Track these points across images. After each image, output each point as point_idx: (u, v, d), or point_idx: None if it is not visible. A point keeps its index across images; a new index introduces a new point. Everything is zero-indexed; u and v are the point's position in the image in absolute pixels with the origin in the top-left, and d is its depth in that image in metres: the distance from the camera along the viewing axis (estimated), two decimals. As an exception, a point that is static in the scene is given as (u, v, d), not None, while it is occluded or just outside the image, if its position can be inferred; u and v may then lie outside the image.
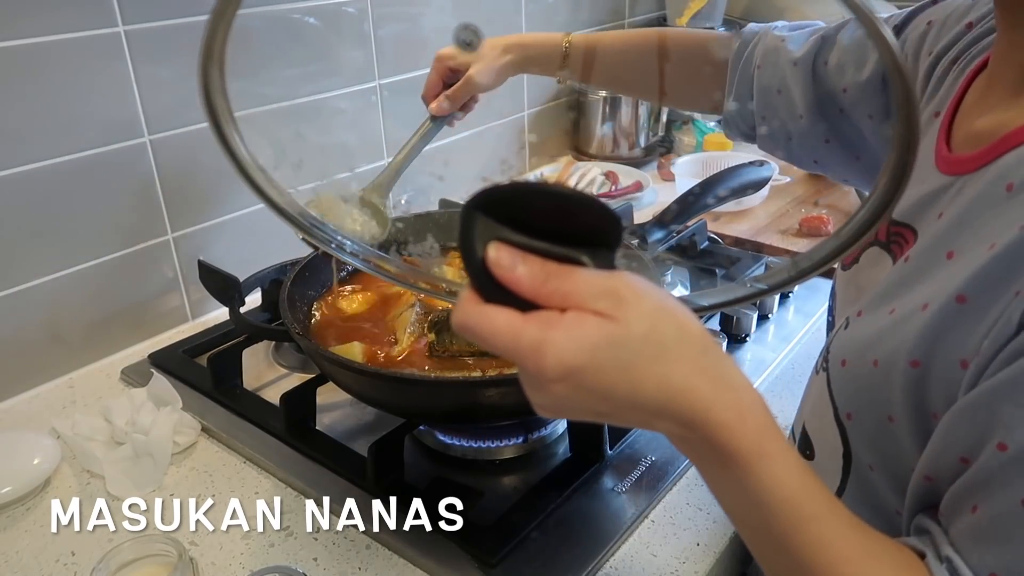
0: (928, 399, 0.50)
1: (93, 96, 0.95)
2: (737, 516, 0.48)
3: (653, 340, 0.41)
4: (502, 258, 0.40)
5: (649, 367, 0.41)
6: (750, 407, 0.44)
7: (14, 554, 0.74)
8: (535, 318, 0.40)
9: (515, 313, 0.40)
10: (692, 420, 0.42)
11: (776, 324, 1.06)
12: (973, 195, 0.52)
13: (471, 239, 0.40)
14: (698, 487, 0.79)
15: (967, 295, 0.48)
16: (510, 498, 0.76)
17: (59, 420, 0.89)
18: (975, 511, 0.45)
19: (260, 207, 1.23)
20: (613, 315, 0.40)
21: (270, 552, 0.73)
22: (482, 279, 0.41)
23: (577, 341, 0.40)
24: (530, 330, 0.40)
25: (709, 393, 0.42)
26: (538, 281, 0.40)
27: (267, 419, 0.88)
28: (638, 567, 0.70)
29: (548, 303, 0.40)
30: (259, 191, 0.56)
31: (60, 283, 0.98)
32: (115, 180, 1.00)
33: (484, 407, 0.73)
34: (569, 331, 0.40)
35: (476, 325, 0.41)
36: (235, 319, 0.96)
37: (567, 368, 0.40)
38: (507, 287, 0.40)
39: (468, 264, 0.41)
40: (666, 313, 0.42)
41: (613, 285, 0.41)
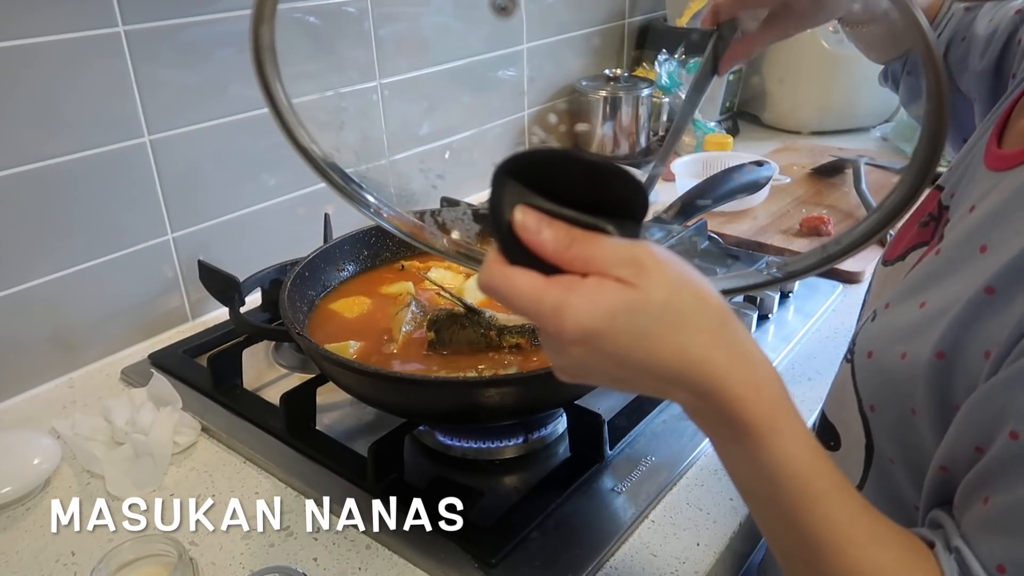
0: (952, 391, 0.50)
1: (93, 96, 0.95)
2: (747, 489, 0.48)
3: (672, 309, 0.42)
4: (528, 222, 0.41)
5: (666, 335, 0.42)
6: (765, 381, 0.45)
7: (14, 554, 0.74)
8: (557, 281, 0.41)
9: (538, 276, 0.42)
10: (707, 391, 0.43)
11: (776, 324, 1.06)
12: (1010, 191, 0.52)
13: (500, 202, 0.41)
14: (698, 487, 0.79)
15: (996, 287, 0.48)
16: (510, 498, 0.76)
17: (59, 420, 0.89)
18: (987, 502, 0.45)
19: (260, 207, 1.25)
20: (633, 282, 0.41)
21: (270, 552, 0.73)
22: (508, 242, 0.42)
23: (596, 305, 0.40)
24: (551, 292, 0.41)
25: (725, 365, 0.43)
26: (562, 246, 0.41)
27: (267, 419, 0.88)
28: (638, 567, 0.70)
29: (571, 268, 0.41)
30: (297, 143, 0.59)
31: (60, 283, 0.98)
32: (115, 180, 1.00)
33: (484, 407, 0.73)
34: (589, 295, 0.41)
35: (499, 285, 0.42)
36: (235, 319, 0.96)
37: (585, 331, 0.41)
38: (532, 250, 0.41)
39: (496, 226, 0.42)
40: (687, 283, 0.43)
41: (635, 253, 0.41)
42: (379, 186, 1.34)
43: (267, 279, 1.05)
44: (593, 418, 0.79)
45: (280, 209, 1.20)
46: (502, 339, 0.81)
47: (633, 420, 0.85)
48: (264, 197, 1.18)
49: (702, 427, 0.47)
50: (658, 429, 0.85)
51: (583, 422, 0.80)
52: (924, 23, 0.39)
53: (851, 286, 1.16)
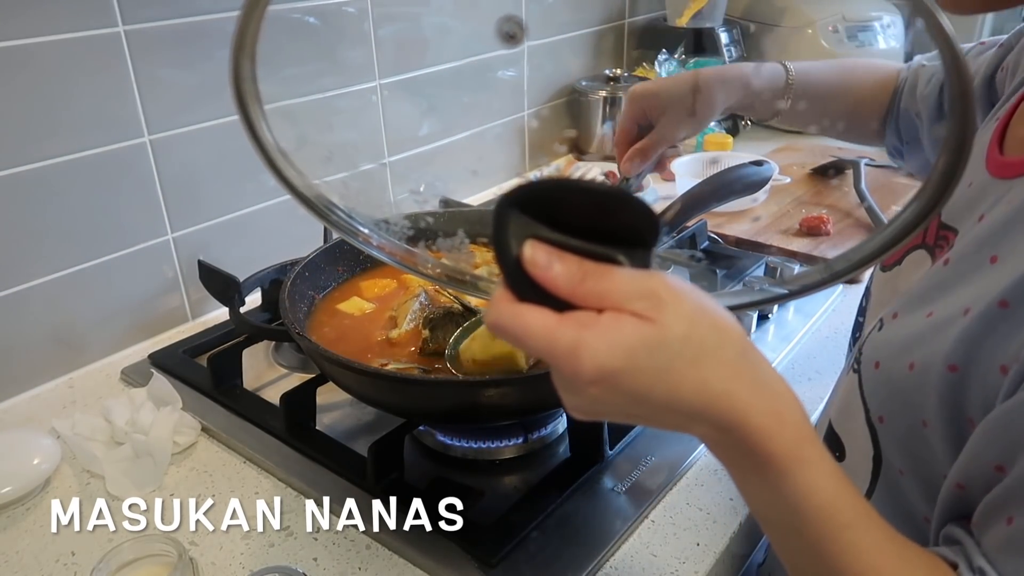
0: (965, 405, 0.50)
1: (93, 96, 0.95)
2: (769, 520, 0.47)
3: (692, 343, 0.40)
4: (538, 257, 0.39)
5: (687, 371, 0.41)
6: (789, 412, 0.44)
7: (14, 554, 0.74)
8: (571, 319, 0.40)
9: (550, 313, 0.40)
10: (729, 424, 0.42)
11: (776, 324, 1.06)
12: (1020, 199, 0.52)
13: (505, 237, 0.40)
14: (698, 487, 0.79)
15: (1010, 300, 0.47)
16: (510, 498, 0.76)
17: (59, 420, 0.89)
18: (1011, 522, 0.44)
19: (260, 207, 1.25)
20: (651, 316, 0.40)
21: (270, 552, 0.73)
22: (516, 278, 0.40)
23: (614, 344, 0.39)
24: (566, 331, 0.39)
25: (747, 397, 0.42)
26: (575, 281, 0.40)
27: (267, 419, 0.88)
28: (638, 567, 0.70)
29: (584, 303, 0.40)
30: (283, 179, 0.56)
31: (60, 283, 0.98)
32: (115, 180, 1.00)
33: (484, 407, 0.73)
34: (606, 333, 0.39)
35: (510, 325, 0.40)
36: (235, 319, 0.96)
37: (603, 371, 0.39)
38: (542, 286, 0.40)
39: (502, 262, 0.40)
40: (705, 315, 0.42)
41: (651, 286, 0.40)
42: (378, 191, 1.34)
43: (267, 279, 1.05)
44: (593, 418, 0.79)
45: (280, 209, 1.20)
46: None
47: (633, 420, 0.85)
48: (264, 197, 1.18)
49: (722, 459, 0.46)
50: (658, 429, 0.85)
51: (583, 422, 0.80)
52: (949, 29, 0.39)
53: (851, 286, 1.16)
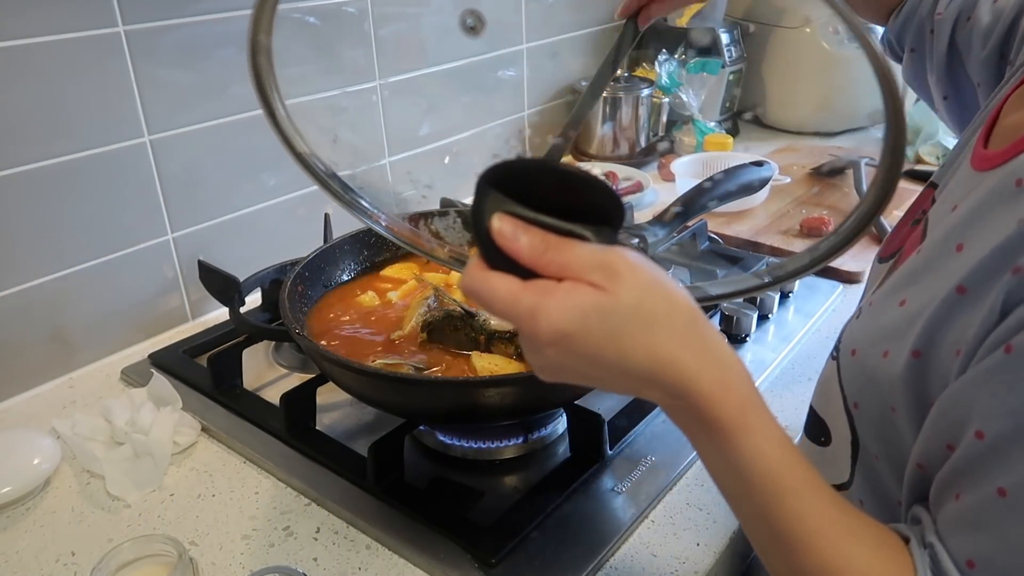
0: (927, 390, 0.51)
1: (93, 96, 0.95)
2: (721, 485, 0.50)
3: (642, 311, 0.44)
4: (505, 228, 0.43)
5: (637, 336, 0.44)
6: (734, 380, 0.46)
7: (14, 554, 0.74)
8: (533, 286, 0.43)
9: (515, 280, 0.44)
10: (678, 390, 0.45)
11: (776, 324, 1.06)
12: (987, 190, 0.52)
13: (480, 210, 0.43)
14: (698, 487, 0.79)
15: (967, 286, 0.48)
16: (510, 498, 0.76)
17: (59, 420, 0.89)
18: (958, 499, 0.46)
19: (260, 207, 1.25)
20: (605, 286, 0.43)
21: (270, 552, 0.73)
22: (487, 247, 0.44)
23: (568, 308, 0.43)
24: (527, 296, 0.43)
25: (694, 365, 0.45)
26: (537, 252, 0.43)
27: (267, 419, 0.88)
28: (638, 567, 0.70)
29: (546, 272, 0.44)
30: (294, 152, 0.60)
31: (60, 283, 0.98)
32: (115, 180, 1.00)
33: (484, 407, 0.73)
34: (562, 299, 0.43)
35: (479, 289, 0.44)
36: (235, 319, 0.96)
37: (558, 333, 0.43)
38: (509, 256, 0.43)
39: (476, 233, 0.44)
40: (657, 287, 0.45)
41: (608, 259, 0.43)
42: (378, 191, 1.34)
43: (267, 279, 1.05)
44: (593, 418, 0.79)
45: (280, 209, 1.20)
46: (490, 345, 0.80)
47: (633, 420, 0.85)
48: (264, 197, 1.18)
49: (677, 423, 0.49)
50: (658, 429, 0.86)
51: (583, 422, 0.80)
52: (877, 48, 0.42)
53: (851, 286, 1.16)
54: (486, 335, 0.80)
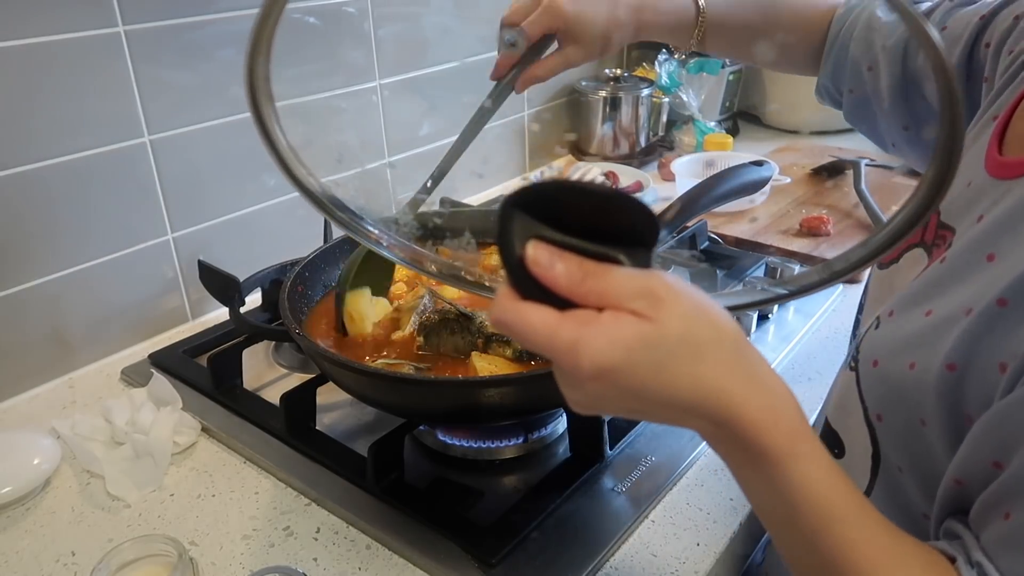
0: (963, 403, 0.50)
1: (93, 96, 0.95)
2: (765, 513, 0.48)
3: (688, 340, 0.41)
4: (540, 256, 0.40)
5: (683, 367, 0.42)
6: (783, 407, 0.45)
7: (14, 554, 0.74)
8: (571, 317, 0.41)
9: (551, 311, 0.41)
10: (724, 419, 0.43)
11: (776, 324, 1.06)
12: (1018, 199, 0.52)
13: (509, 236, 0.41)
14: (698, 487, 0.79)
15: (1008, 298, 0.48)
16: (510, 498, 0.76)
17: (59, 420, 0.89)
18: (1008, 518, 0.45)
19: (260, 207, 1.25)
20: (649, 315, 0.40)
21: (270, 552, 0.73)
22: (520, 276, 0.41)
23: (612, 341, 0.40)
24: (566, 329, 0.40)
25: (742, 392, 0.43)
26: (575, 280, 0.40)
27: (267, 419, 0.88)
28: (638, 567, 0.70)
29: (585, 302, 0.41)
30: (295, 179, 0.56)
31: (60, 283, 0.98)
32: (115, 180, 1.00)
33: (484, 407, 0.73)
34: (605, 331, 0.40)
35: (512, 322, 0.41)
36: (235, 319, 0.96)
37: (601, 368, 0.40)
38: (544, 285, 0.41)
39: (506, 261, 0.41)
40: (702, 313, 0.43)
41: (650, 284, 0.41)
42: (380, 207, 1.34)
43: (267, 279, 1.05)
44: (593, 418, 0.79)
45: (280, 209, 1.20)
46: (488, 348, 0.80)
47: (633, 420, 0.85)
48: (264, 197, 1.18)
49: (719, 452, 0.47)
50: (658, 429, 0.85)
51: (583, 422, 0.80)
52: (936, 37, 0.39)
53: (851, 286, 1.16)
54: (484, 338, 0.80)
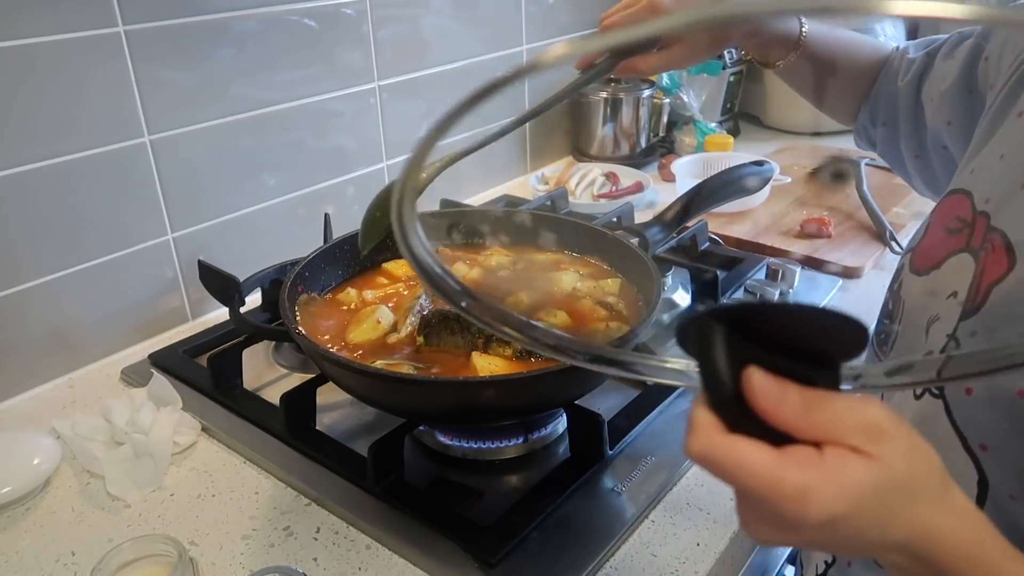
0: None
1: (93, 96, 0.95)
2: None
3: (909, 480, 0.39)
4: (768, 389, 0.37)
5: (903, 508, 0.39)
6: (987, 534, 0.43)
7: (14, 554, 0.74)
8: (791, 457, 0.37)
9: (771, 451, 0.37)
10: (930, 556, 0.41)
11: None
12: None
13: (718, 359, 0.37)
14: (698, 487, 0.79)
15: None
16: (510, 498, 0.76)
17: (59, 420, 0.89)
18: None
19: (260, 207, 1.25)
20: (873, 453, 0.38)
21: (270, 552, 0.73)
22: (730, 405, 0.37)
23: (843, 488, 0.37)
24: (792, 473, 0.37)
25: (949, 528, 0.41)
26: (799, 413, 0.37)
27: (267, 419, 0.88)
28: (638, 567, 0.70)
29: (806, 436, 0.38)
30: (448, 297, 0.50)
31: (60, 283, 0.98)
32: (115, 180, 1.00)
33: (484, 407, 0.73)
34: (834, 476, 0.37)
35: (724, 460, 0.37)
36: (235, 319, 0.96)
37: (832, 517, 0.37)
38: (762, 418, 0.37)
39: (714, 388, 0.38)
40: (918, 446, 0.40)
41: (871, 417, 0.38)
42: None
43: (267, 279, 1.05)
44: (593, 418, 0.79)
45: (280, 209, 1.20)
46: (489, 347, 0.80)
47: (633, 420, 0.85)
48: (264, 197, 1.18)
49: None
50: (658, 429, 0.85)
51: (583, 422, 0.80)
52: None
53: (850, 280, 1.17)
54: (484, 337, 0.80)
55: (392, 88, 1.31)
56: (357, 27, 1.23)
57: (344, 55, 1.23)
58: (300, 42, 1.16)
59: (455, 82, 1.43)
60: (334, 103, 1.23)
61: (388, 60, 1.29)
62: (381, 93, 1.30)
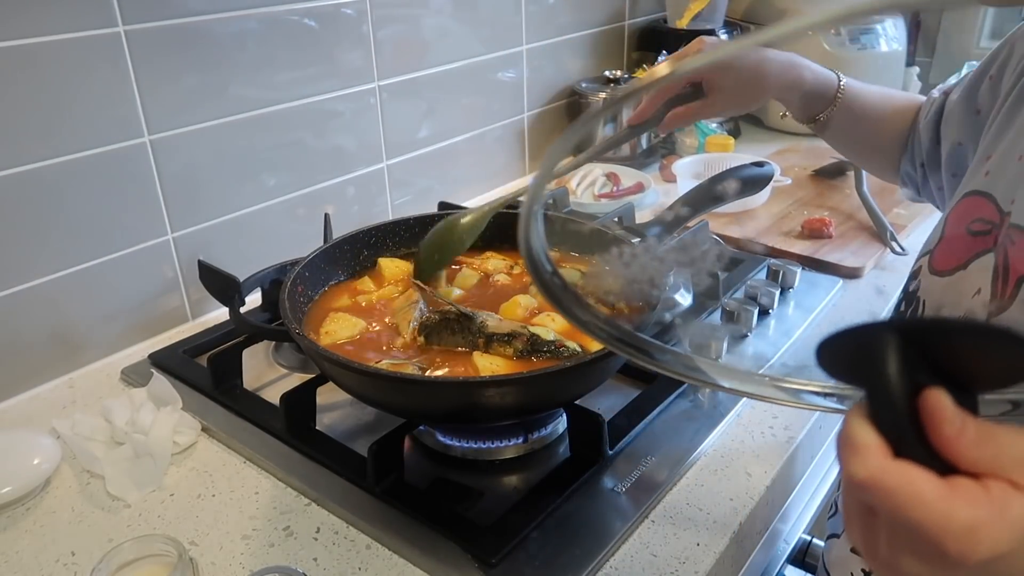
0: None
1: (93, 96, 0.95)
2: None
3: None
4: (955, 418, 0.35)
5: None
6: None
7: (14, 554, 0.74)
8: (960, 492, 0.35)
9: (941, 482, 0.35)
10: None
11: (776, 319, 1.06)
12: None
13: (891, 377, 0.35)
14: (698, 487, 0.79)
15: None
16: (510, 498, 0.76)
17: (59, 420, 0.89)
18: None
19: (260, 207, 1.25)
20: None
21: (270, 552, 0.73)
22: (903, 429, 0.35)
23: (1010, 525, 0.35)
24: (961, 508, 0.35)
25: None
26: (973, 445, 0.35)
27: (267, 419, 0.88)
28: (638, 567, 0.70)
29: (972, 468, 0.36)
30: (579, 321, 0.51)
31: (60, 283, 0.98)
32: (115, 180, 1.00)
33: (484, 407, 0.73)
34: (1002, 513, 0.35)
35: (899, 489, 0.35)
36: (235, 319, 0.96)
37: (995, 555, 0.35)
38: (935, 446, 0.35)
39: (886, 407, 0.35)
40: None
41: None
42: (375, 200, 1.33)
43: (267, 279, 1.05)
44: (593, 418, 0.79)
45: (280, 209, 1.20)
46: (489, 347, 0.80)
47: (633, 420, 0.85)
48: (264, 197, 1.18)
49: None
50: (658, 429, 0.85)
51: (583, 422, 0.80)
52: None
53: (851, 281, 1.17)
54: (485, 337, 0.80)
55: (392, 88, 1.31)
56: (357, 27, 1.23)
57: (344, 55, 1.23)
58: (300, 42, 1.16)
59: (455, 82, 1.43)
60: (334, 103, 1.23)
61: (388, 60, 1.29)
62: (381, 93, 1.30)
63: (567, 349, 0.78)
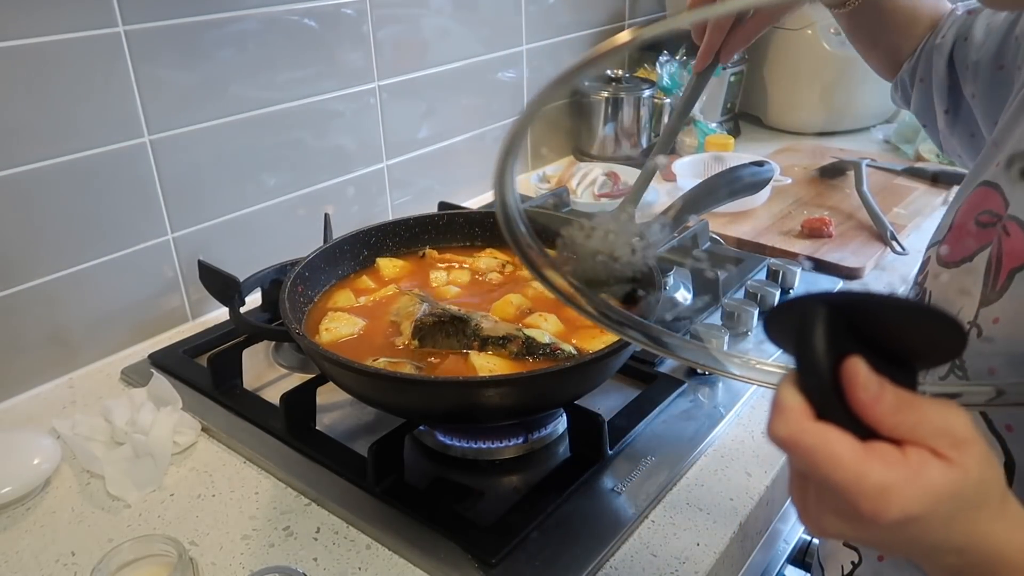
0: None
1: (93, 96, 0.95)
2: None
3: (982, 487, 0.39)
4: (868, 381, 0.37)
5: (967, 514, 0.40)
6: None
7: (14, 554, 0.74)
8: (877, 454, 0.37)
9: (858, 444, 0.37)
10: (982, 560, 0.41)
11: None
12: None
13: (819, 343, 0.37)
14: (698, 487, 0.79)
15: None
16: (510, 498, 0.76)
17: (59, 420, 0.89)
18: None
19: (260, 207, 1.25)
20: (952, 458, 0.38)
21: (270, 552, 0.73)
22: (824, 393, 0.37)
23: (924, 490, 0.37)
24: (875, 469, 0.37)
25: (1003, 535, 0.41)
26: (891, 410, 0.37)
27: (267, 419, 0.88)
28: (638, 567, 0.70)
29: (892, 434, 0.38)
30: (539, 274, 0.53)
31: (60, 283, 0.98)
32: (115, 180, 1.00)
33: (484, 407, 0.73)
34: (916, 477, 0.37)
35: (815, 448, 0.37)
36: (235, 319, 0.96)
37: (907, 517, 0.37)
38: (855, 411, 0.37)
39: (811, 373, 0.37)
40: (989, 458, 0.40)
41: (955, 423, 0.39)
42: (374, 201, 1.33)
43: (267, 279, 1.05)
44: (593, 418, 0.79)
45: (280, 209, 1.20)
46: (484, 350, 0.80)
47: (633, 420, 0.85)
48: (264, 197, 1.18)
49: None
50: (658, 429, 0.85)
51: (583, 422, 0.80)
52: None
53: (851, 281, 1.17)
54: (479, 340, 0.80)
55: (392, 88, 1.31)
56: (357, 27, 1.23)
57: (344, 55, 1.23)
58: (300, 42, 1.16)
59: (455, 82, 1.43)
60: (334, 103, 1.23)
61: (388, 60, 1.29)
62: (381, 93, 1.30)
63: (563, 352, 0.78)
